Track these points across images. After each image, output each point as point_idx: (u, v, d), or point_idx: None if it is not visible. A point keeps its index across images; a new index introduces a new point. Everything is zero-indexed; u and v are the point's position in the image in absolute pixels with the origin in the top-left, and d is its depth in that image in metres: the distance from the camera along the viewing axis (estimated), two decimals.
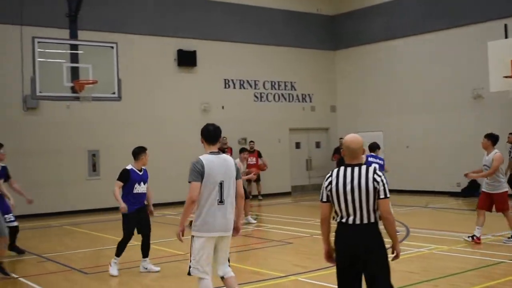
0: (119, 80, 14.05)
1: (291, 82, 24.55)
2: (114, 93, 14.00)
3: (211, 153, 6.74)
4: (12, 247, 11.57)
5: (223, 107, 22.42)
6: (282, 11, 24.20)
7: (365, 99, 24.30)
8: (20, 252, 11.88)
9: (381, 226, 5.31)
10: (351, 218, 5.29)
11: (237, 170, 6.77)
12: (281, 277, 9.14)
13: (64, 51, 13.83)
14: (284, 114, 24.06)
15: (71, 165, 18.73)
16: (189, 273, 6.62)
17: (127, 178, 9.88)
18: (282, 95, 24.34)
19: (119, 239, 9.95)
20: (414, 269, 9.39)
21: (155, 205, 12.05)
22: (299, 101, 24.82)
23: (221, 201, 6.52)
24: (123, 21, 20.32)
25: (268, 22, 23.81)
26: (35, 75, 13.02)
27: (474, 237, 11.30)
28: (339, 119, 25.53)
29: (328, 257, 5.57)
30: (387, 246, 5.38)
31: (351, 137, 5.49)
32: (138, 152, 10.18)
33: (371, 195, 5.26)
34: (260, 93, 23.69)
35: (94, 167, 19.38)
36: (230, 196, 6.60)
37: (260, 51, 23.56)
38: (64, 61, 13.66)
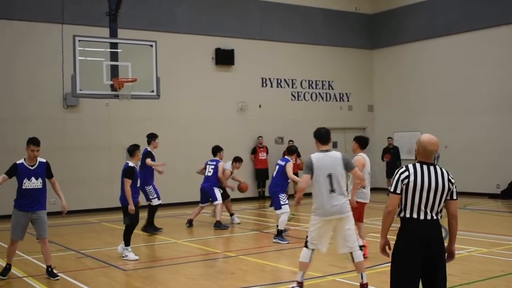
0: (157, 78, 14.10)
1: (328, 81, 24.44)
2: (152, 91, 14.05)
3: (321, 151, 8.16)
4: None
5: (260, 106, 22.42)
6: (320, 9, 24.10)
7: (403, 98, 24.05)
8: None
9: None
10: (422, 214, 5.39)
11: (347, 162, 8.09)
12: (318, 277, 9.10)
13: (104, 50, 13.93)
14: (321, 113, 23.94)
15: (109, 162, 18.91)
16: (305, 245, 8.19)
17: (135, 175, 10.98)
18: (320, 94, 24.25)
19: (161, 236, 10.03)
20: (454, 271, 9.23)
21: (189, 203, 12.11)
22: (336, 100, 24.68)
23: (332, 190, 7.86)
24: (162, 20, 20.47)
25: (306, 20, 23.72)
26: (75, 73, 13.14)
27: None
28: (376, 118, 25.33)
29: (384, 250, 5.64)
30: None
31: (429, 139, 5.54)
32: (133, 149, 11.30)
33: (444, 194, 5.42)
34: (297, 92, 23.63)
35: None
36: (339, 186, 7.91)
37: (297, 50, 23.49)
38: (103, 59, 13.76)
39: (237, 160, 15.67)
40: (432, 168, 5.46)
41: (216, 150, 15.62)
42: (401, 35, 24.11)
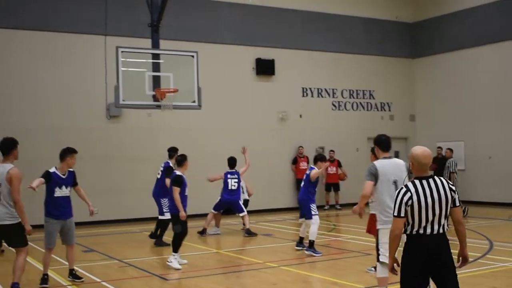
0: (199, 89, 14.19)
1: (369, 91, 24.28)
2: (194, 101, 14.13)
3: (384, 158, 7.96)
4: None
5: (300, 116, 22.37)
6: (360, 18, 23.98)
7: (446, 107, 23.74)
8: None
9: None
10: (429, 228, 5.39)
11: (408, 170, 7.68)
12: None
13: (146, 60, 14.07)
14: (362, 123, 23.80)
15: (151, 171, 19.02)
16: (378, 260, 7.89)
17: (183, 183, 11.18)
18: (361, 103, 24.10)
19: (202, 246, 10.05)
20: (499, 284, 9.07)
21: (232, 214, 12.11)
22: (377, 110, 24.51)
23: None
24: (204, 30, 20.61)
25: (346, 30, 23.64)
26: (118, 84, 13.29)
27: None
28: (418, 128, 25.04)
29: (393, 269, 5.62)
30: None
31: (422, 151, 5.54)
32: (181, 160, 11.53)
33: (449, 204, 5.43)
34: (338, 102, 23.52)
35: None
36: None
37: (338, 59, 23.40)
38: (146, 70, 13.90)
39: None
40: (431, 181, 5.47)
41: (235, 161, 15.76)
42: (443, 43, 23.82)
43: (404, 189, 5.45)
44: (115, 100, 13.51)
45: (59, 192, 9.61)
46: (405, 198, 5.40)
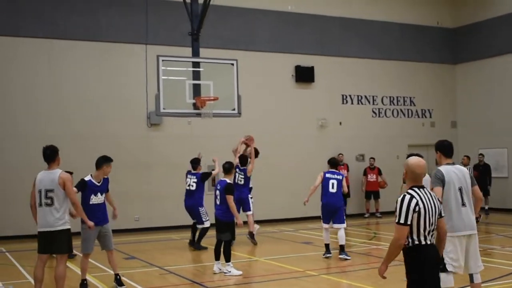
0: (238, 96, 14.25)
1: (410, 97, 24.04)
2: (234, 109, 14.20)
3: (447, 164, 7.68)
4: None
5: (340, 123, 22.25)
6: (400, 24, 23.78)
7: (488, 114, 23.36)
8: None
9: None
10: (429, 239, 5.49)
11: (472, 177, 7.71)
12: None
13: (186, 69, 14.19)
14: (402, 130, 23.57)
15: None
16: (443, 270, 7.39)
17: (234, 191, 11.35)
18: (401, 110, 23.87)
19: (242, 254, 10.04)
20: None
21: (272, 221, 12.05)
22: (418, 117, 24.24)
23: (463, 204, 7.45)
24: (243, 38, 20.69)
25: (386, 36, 23.46)
26: (159, 92, 13.44)
27: None
28: (460, 135, 24.68)
29: (382, 274, 5.83)
30: None
31: (417, 161, 5.64)
32: (229, 167, 11.51)
33: (437, 214, 5.60)
34: (378, 109, 23.35)
35: (213, 182, 19.72)
36: (469, 200, 7.54)
37: (378, 66, 23.24)
38: (186, 78, 14.02)
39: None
40: (426, 190, 5.59)
41: (246, 159, 15.10)
42: (485, 49, 23.47)
43: (409, 196, 5.46)
44: (156, 108, 13.67)
45: (95, 199, 9.82)
46: (412, 205, 5.41)
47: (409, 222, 5.37)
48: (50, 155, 8.63)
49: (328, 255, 12.73)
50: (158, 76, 13.53)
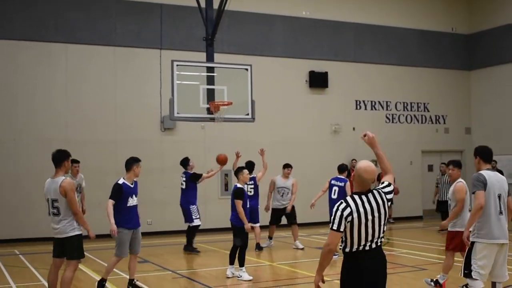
0: (252, 102, 14.30)
1: (424, 103, 23.99)
2: (247, 114, 14.26)
3: (487, 169, 7.59)
4: None
5: (354, 129, 22.21)
6: (415, 30, 23.75)
7: (503, 120, 23.26)
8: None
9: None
10: (368, 245, 5.24)
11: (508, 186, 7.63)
12: None
13: (200, 74, 14.26)
14: (416, 135, 23.53)
15: (204, 184, 19.20)
16: (466, 275, 7.52)
17: (244, 196, 11.39)
18: (415, 116, 23.82)
19: (253, 258, 10.06)
20: None
21: (284, 226, 12.09)
22: (432, 123, 24.18)
23: (500, 212, 7.44)
24: (257, 44, 20.74)
25: (400, 42, 23.44)
26: (173, 97, 13.51)
27: None
28: (474, 141, 24.54)
29: (318, 286, 5.45)
30: None
31: (365, 166, 5.38)
32: (237, 172, 11.60)
33: (386, 216, 5.36)
34: (392, 115, 23.31)
35: (226, 187, 19.80)
36: (505, 209, 7.53)
37: (392, 72, 23.22)
38: (199, 83, 14.09)
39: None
40: (370, 195, 5.28)
41: (252, 166, 14.86)
42: (500, 55, 23.38)
43: (344, 204, 5.21)
44: (170, 113, 13.73)
45: (131, 201, 9.78)
46: (345, 213, 5.17)
47: (341, 229, 5.17)
48: (58, 159, 8.44)
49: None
50: (172, 81, 13.62)
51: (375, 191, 5.34)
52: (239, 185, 11.34)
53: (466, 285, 7.88)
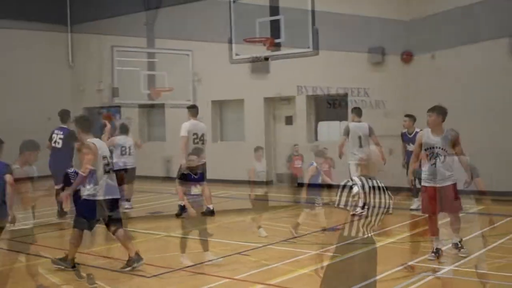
0: (194, 87, 14.30)
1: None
2: (189, 100, 14.23)
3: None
4: None
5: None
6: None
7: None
8: None
9: None
10: None
11: None
12: None
13: (141, 59, 14.16)
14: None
15: None
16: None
17: None
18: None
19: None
20: None
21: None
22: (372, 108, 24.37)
23: None
24: (198, 30, 20.56)
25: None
26: (113, 83, 13.38)
27: None
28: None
29: None
30: None
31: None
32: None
33: None
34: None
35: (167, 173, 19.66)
36: None
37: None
38: (138, 69, 13.97)
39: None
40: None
41: None
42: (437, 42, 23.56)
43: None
44: (110, 99, 13.60)
45: None
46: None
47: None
48: None
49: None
50: (112, 67, 13.47)
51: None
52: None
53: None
